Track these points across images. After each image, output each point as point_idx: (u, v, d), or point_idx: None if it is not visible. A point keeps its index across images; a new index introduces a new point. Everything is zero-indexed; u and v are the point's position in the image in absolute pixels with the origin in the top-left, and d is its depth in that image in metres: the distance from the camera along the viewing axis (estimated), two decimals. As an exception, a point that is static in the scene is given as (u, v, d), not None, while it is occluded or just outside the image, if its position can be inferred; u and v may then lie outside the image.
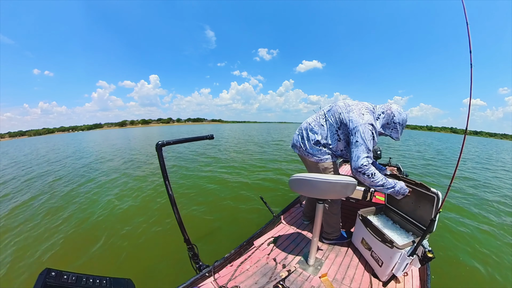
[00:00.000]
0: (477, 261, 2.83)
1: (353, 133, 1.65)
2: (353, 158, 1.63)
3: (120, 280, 0.93)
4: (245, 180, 6.47)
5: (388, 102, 1.83)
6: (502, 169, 9.73)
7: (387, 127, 1.78)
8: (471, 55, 1.08)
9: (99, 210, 4.57)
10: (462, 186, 6.33)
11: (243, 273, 1.72)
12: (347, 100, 1.84)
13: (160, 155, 1.41)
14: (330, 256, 1.97)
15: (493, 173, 8.58)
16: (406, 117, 1.76)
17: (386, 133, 1.81)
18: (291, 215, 2.72)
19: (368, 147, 1.60)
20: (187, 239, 1.60)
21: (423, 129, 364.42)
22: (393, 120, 1.75)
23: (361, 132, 1.61)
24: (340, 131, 1.78)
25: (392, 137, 1.81)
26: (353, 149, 1.64)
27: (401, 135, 1.80)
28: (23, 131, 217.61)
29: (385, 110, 1.77)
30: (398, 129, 1.76)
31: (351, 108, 1.72)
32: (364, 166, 1.58)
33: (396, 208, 2.00)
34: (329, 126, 1.82)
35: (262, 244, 2.11)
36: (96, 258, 2.98)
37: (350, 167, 1.79)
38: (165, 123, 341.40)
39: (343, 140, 1.80)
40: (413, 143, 22.24)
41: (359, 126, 1.63)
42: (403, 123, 1.76)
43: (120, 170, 8.45)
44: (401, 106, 1.79)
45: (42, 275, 0.71)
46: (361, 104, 1.77)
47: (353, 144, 1.64)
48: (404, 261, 1.50)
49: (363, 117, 1.66)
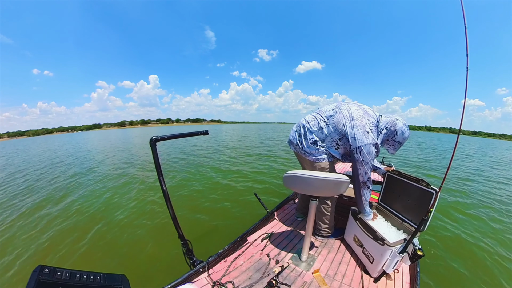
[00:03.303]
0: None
1: (357, 152, 1.68)
2: (361, 173, 1.74)
3: (114, 275, 0.92)
4: (240, 177, 6.49)
5: (394, 117, 1.77)
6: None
7: (386, 143, 1.80)
8: (467, 58, 1.09)
9: (94, 205, 4.54)
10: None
11: (237, 268, 1.74)
12: (351, 107, 1.75)
13: (154, 150, 1.39)
14: (323, 252, 2.00)
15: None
16: (408, 136, 1.75)
17: (383, 147, 1.84)
18: (284, 211, 2.74)
19: (373, 164, 1.77)
20: (181, 234, 1.60)
21: (422, 129, 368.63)
22: (394, 138, 1.75)
23: (366, 152, 1.66)
24: (341, 143, 1.78)
25: (388, 151, 1.84)
26: (359, 166, 1.72)
27: (396, 151, 1.82)
28: (22, 131, 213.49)
29: (388, 127, 1.74)
30: (396, 146, 1.78)
31: (356, 124, 1.67)
32: (370, 180, 1.77)
33: (388, 206, 2.03)
34: (329, 133, 1.79)
35: (256, 240, 2.12)
36: (90, 254, 2.96)
37: (344, 166, 1.82)
38: (164, 124, 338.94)
39: (341, 149, 1.81)
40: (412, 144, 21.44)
41: (363, 147, 1.65)
42: (403, 142, 1.76)
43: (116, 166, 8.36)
44: (405, 123, 1.74)
45: (36, 272, 0.70)
46: (366, 116, 1.72)
47: (359, 162, 1.70)
48: (394, 258, 1.53)
49: (368, 136, 1.66)
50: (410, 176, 1.83)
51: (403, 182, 1.89)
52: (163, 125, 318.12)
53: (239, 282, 1.60)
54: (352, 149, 1.70)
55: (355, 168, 1.77)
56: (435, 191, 1.57)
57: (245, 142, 18.25)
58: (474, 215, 4.25)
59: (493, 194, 5.66)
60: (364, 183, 1.76)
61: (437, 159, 11.55)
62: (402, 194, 1.90)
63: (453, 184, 6.51)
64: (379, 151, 1.77)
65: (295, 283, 1.61)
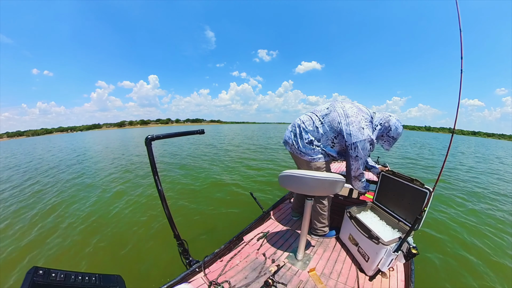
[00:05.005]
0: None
1: (352, 148, 1.70)
2: (353, 169, 1.81)
3: (109, 276, 0.92)
4: (236, 177, 6.49)
5: (387, 113, 1.80)
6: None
7: (381, 138, 1.82)
8: (462, 61, 1.11)
9: (88, 207, 4.48)
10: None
11: (233, 268, 1.73)
12: (345, 105, 1.77)
13: (149, 149, 1.37)
14: (318, 251, 2.02)
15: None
16: (402, 131, 1.78)
17: (378, 143, 1.86)
18: (280, 210, 2.75)
19: (366, 160, 1.79)
20: (177, 234, 1.59)
21: (421, 129, 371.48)
22: (388, 134, 1.78)
23: (361, 148, 1.68)
24: (336, 140, 1.79)
25: (383, 147, 1.87)
26: (352, 161, 1.76)
27: (391, 147, 1.85)
28: (21, 131, 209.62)
29: (383, 123, 1.77)
30: (390, 142, 1.81)
31: (351, 121, 1.69)
32: (362, 175, 1.85)
33: (383, 205, 2.06)
34: (324, 132, 1.80)
35: (252, 239, 2.12)
36: (85, 255, 2.92)
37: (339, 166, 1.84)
38: (164, 124, 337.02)
39: (337, 146, 1.82)
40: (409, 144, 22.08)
41: (358, 142, 1.67)
42: (397, 137, 1.79)
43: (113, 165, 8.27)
44: (399, 119, 1.76)
45: (30, 273, 0.69)
46: (360, 113, 1.73)
47: (352, 157, 1.74)
48: (389, 256, 1.55)
49: (363, 131, 1.68)
50: (404, 176, 1.86)
51: (397, 182, 1.91)
52: (162, 125, 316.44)
53: (236, 281, 1.60)
54: (347, 145, 1.73)
55: (348, 163, 1.82)
56: (428, 190, 1.59)
57: (245, 142, 18.24)
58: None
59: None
60: (355, 177, 1.86)
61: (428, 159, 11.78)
62: (397, 194, 1.92)
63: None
64: (374, 147, 1.80)
65: (291, 282, 1.62)
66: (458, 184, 6.61)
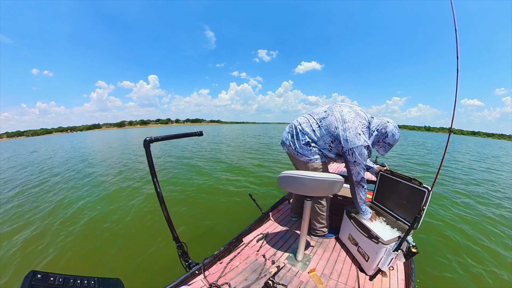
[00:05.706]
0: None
1: (349, 153, 1.71)
2: (353, 173, 1.78)
3: (108, 280, 0.91)
4: (236, 177, 6.48)
5: (385, 119, 1.81)
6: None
7: (377, 144, 1.84)
8: (458, 60, 1.11)
9: (86, 209, 4.45)
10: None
11: (233, 270, 1.73)
12: (343, 109, 1.77)
13: (148, 151, 1.37)
14: (318, 251, 2.02)
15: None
16: (398, 138, 1.79)
17: (374, 148, 1.87)
18: (279, 212, 2.74)
19: (365, 165, 1.77)
20: (176, 237, 1.58)
21: (421, 129, 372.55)
22: (384, 140, 1.79)
23: (358, 154, 1.68)
24: (333, 145, 1.80)
25: (378, 152, 1.88)
26: (351, 166, 1.75)
27: (386, 153, 1.86)
28: (21, 131, 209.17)
29: (380, 129, 1.78)
30: (386, 148, 1.82)
31: (348, 126, 1.69)
32: (363, 180, 1.80)
33: (382, 205, 2.06)
34: (321, 135, 1.80)
35: (251, 240, 2.12)
36: (84, 258, 2.89)
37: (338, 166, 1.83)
38: (163, 124, 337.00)
39: (334, 150, 1.83)
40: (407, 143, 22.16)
41: (355, 148, 1.67)
42: (393, 144, 1.81)
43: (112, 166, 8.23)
44: (396, 125, 1.78)
45: (28, 277, 0.68)
46: (358, 118, 1.73)
47: (351, 162, 1.73)
48: (389, 256, 1.55)
49: (360, 137, 1.68)
50: (403, 175, 1.86)
51: (396, 181, 1.92)
52: (162, 125, 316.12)
53: (236, 283, 1.59)
54: (344, 151, 1.73)
55: (348, 168, 1.81)
56: (427, 189, 1.60)
57: (243, 142, 18.22)
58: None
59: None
60: (357, 182, 1.81)
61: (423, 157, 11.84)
62: (395, 193, 1.93)
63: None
64: (371, 152, 1.80)
65: (291, 283, 1.61)
66: (455, 182, 6.68)
